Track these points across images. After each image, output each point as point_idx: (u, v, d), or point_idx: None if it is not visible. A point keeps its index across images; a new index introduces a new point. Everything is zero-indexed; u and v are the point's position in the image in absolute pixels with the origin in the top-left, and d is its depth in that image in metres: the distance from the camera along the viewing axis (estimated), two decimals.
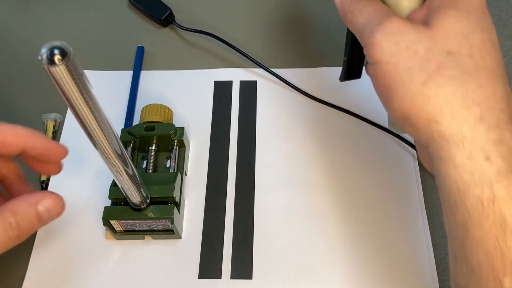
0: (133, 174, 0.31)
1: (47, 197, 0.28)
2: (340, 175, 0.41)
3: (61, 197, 0.29)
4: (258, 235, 0.38)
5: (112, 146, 0.27)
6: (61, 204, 0.29)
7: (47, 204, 0.28)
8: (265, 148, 0.42)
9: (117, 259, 0.37)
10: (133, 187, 0.32)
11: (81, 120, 0.25)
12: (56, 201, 0.28)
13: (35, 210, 0.27)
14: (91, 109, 0.24)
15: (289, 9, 0.52)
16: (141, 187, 0.33)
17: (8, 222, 0.26)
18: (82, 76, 0.23)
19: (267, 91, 0.46)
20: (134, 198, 0.34)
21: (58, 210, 0.29)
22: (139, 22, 0.51)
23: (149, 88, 0.46)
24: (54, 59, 0.21)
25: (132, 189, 0.32)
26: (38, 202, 0.28)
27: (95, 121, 0.25)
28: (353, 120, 0.43)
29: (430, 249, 0.37)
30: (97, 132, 0.26)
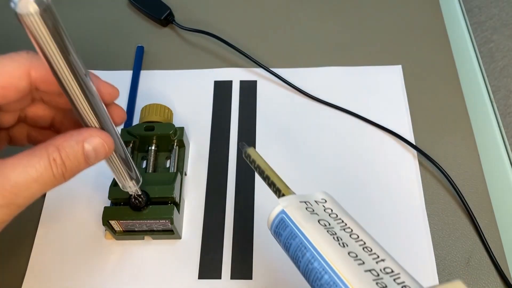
0: (114, 132, 0.27)
1: (95, 135, 0.25)
2: (340, 175, 0.41)
3: (110, 136, 0.26)
4: (258, 235, 0.38)
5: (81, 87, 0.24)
6: (110, 144, 0.26)
7: (95, 143, 0.25)
8: (265, 147, 0.42)
9: (117, 259, 0.37)
10: (116, 158, 0.28)
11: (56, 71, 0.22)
12: (105, 141, 0.26)
13: (82, 147, 0.25)
14: (64, 53, 0.22)
15: (289, 9, 0.52)
16: (127, 158, 0.29)
17: (52, 157, 0.24)
18: (60, 28, 0.21)
19: (267, 91, 0.46)
20: (119, 174, 0.30)
21: (106, 151, 0.26)
22: (139, 22, 0.51)
23: (149, 88, 0.46)
24: (28, 6, 0.19)
25: (116, 162, 0.29)
26: (85, 139, 0.25)
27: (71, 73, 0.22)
28: (353, 120, 0.43)
29: (430, 249, 0.37)
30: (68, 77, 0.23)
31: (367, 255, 0.23)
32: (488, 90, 0.46)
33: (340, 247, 0.23)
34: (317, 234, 0.23)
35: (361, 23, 0.50)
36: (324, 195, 0.27)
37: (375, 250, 0.23)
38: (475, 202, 0.39)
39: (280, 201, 0.26)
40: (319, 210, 0.25)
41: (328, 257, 0.22)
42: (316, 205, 0.26)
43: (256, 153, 0.29)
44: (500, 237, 0.37)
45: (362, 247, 0.23)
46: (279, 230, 0.25)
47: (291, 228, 0.24)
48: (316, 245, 0.23)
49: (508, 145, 0.43)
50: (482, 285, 0.35)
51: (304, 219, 0.24)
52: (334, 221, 0.25)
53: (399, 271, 0.22)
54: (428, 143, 0.42)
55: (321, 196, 0.27)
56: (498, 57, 1.10)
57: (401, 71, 0.46)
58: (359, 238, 0.24)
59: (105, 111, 0.26)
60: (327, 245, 0.23)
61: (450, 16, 0.51)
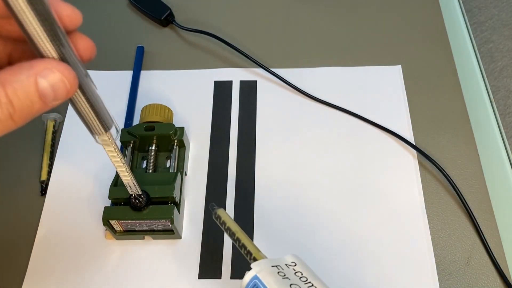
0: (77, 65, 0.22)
1: (51, 68, 0.20)
2: (340, 175, 0.41)
3: (72, 70, 0.20)
4: (258, 235, 0.38)
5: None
6: (72, 79, 0.20)
7: (52, 78, 0.20)
8: (265, 148, 0.42)
9: (117, 259, 0.37)
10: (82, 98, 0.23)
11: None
12: (66, 75, 0.20)
13: (34, 83, 0.19)
14: None
15: (289, 9, 0.52)
16: (98, 103, 0.24)
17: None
18: None
19: (267, 91, 0.46)
20: (90, 123, 0.24)
21: (68, 88, 0.20)
22: (139, 22, 0.52)
23: (149, 88, 0.46)
24: None
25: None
26: (39, 73, 0.19)
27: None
28: (353, 120, 0.43)
29: (430, 249, 0.37)
30: None
31: None
32: (487, 90, 0.46)
33: None
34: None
35: (361, 23, 0.50)
36: (294, 258, 0.28)
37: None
38: (475, 202, 0.39)
39: (253, 266, 0.26)
40: (290, 274, 0.26)
41: None
42: (287, 268, 0.26)
43: (226, 214, 0.29)
44: (500, 237, 0.37)
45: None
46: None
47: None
48: None
49: (508, 145, 0.43)
50: (482, 285, 0.36)
51: (277, 284, 0.25)
52: (305, 284, 0.26)
53: None
54: (428, 143, 0.42)
55: (291, 259, 0.28)
56: (497, 57, 1.11)
57: (400, 71, 0.46)
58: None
59: (66, 39, 0.21)
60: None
61: (450, 16, 0.51)
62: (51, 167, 0.42)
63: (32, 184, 0.41)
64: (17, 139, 0.44)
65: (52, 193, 0.40)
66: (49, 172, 0.41)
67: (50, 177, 0.41)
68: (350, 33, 0.49)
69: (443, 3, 0.52)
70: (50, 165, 0.42)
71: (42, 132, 0.44)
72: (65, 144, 0.43)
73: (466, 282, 0.36)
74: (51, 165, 0.42)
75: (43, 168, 0.41)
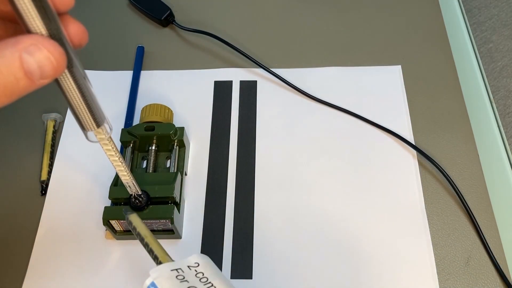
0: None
1: (38, 44, 0.19)
2: (340, 175, 0.41)
3: (60, 47, 0.19)
4: (258, 235, 0.38)
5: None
6: (60, 57, 0.19)
7: (38, 55, 0.19)
8: (265, 148, 0.42)
9: (117, 259, 0.37)
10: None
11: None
12: (53, 53, 0.19)
13: (19, 59, 0.18)
14: None
15: (289, 9, 0.52)
16: (89, 93, 0.23)
17: None
18: None
19: (267, 91, 0.46)
20: (79, 112, 0.23)
21: (55, 66, 0.19)
22: (139, 22, 0.52)
23: (149, 88, 0.46)
24: None
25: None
26: (24, 48, 0.18)
27: None
28: (353, 120, 0.43)
29: (430, 249, 0.37)
30: None
31: None
32: (487, 90, 0.46)
33: None
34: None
35: (361, 23, 0.50)
36: (198, 258, 0.28)
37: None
38: (475, 202, 0.39)
39: (150, 273, 0.26)
40: (190, 276, 0.27)
41: None
42: (188, 270, 0.27)
43: (137, 219, 0.30)
44: (500, 237, 0.37)
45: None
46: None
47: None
48: None
49: (508, 145, 0.43)
50: (482, 285, 0.36)
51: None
52: (204, 285, 0.26)
53: None
54: (427, 143, 0.42)
55: (194, 260, 0.28)
56: (497, 57, 1.11)
57: (400, 71, 0.46)
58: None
59: (56, 18, 0.20)
60: None
61: (450, 16, 0.51)
62: (51, 167, 0.42)
63: (32, 184, 0.41)
64: (17, 139, 0.44)
65: (52, 193, 0.40)
66: (49, 172, 0.41)
67: (50, 177, 0.41)
68: (350, 33, 0.49)
69: (443, 3, 0.52)
70: (50, 165, 0.42)
71: (42, 132, 0.44)
72: (65, 144, 0.43)
73: (466, 282, 0.36)
74: (51, 165, 0.42)
75: (43, 168, 0.41)
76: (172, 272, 0.26)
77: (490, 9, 1.12)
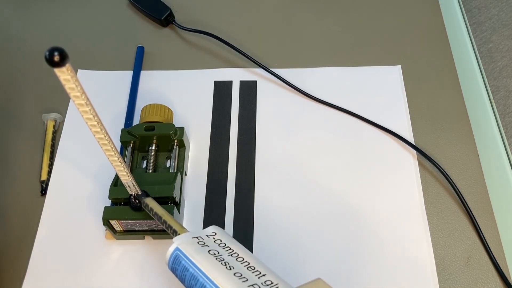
0: None
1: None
2: (340, 175, 0.41)
3: None
4: (258, 235, 0.38)
5: None
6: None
7: None
8: (265, 147, 0.42)
9: (117, 259, 0.37)
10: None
11: None
12: None
13: None
14: None
15: (289, 9, 0.52)
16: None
17: None
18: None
19: (267, 91, 0.46)
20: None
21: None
22: (139, 22, 0.52)
23: (149, 88, 0.46)
24: None
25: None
26: None
27: None
28: (353, 120, 0.44)
29: (430, 249, 0.37)
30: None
31: (250, 273, 0.27)
32: (487, 90, 0.46)
33: (227, 270, 0.27)
34: (206, 263, 0.27)
35: (360, 23, 0.50)
36: (214, 229, 0.31)
37: (257, 268, 0.28)
38: (475, 202, 0.39)
39: (174, 240, 0.29)
40: (210, 242, 0.29)
41: (216, 280, 0.26)
42: (207, 238, 0.30)
43: (153, 201, 0.33)
44: (500, 237, 0.37)
45: (246, 267, 0.28)
46: (175, 265, 0.28)
47: (185, 261, 0.28)
48: (206, 272, 0.27)
49: (508, 145, 0.43)
50: (482, 285, 0.36)
51: (195, 251, 0.28)
52: (223, 249, 0.29)
53: (277, 282, 0.26)
54: (427, 143, 0.42)
55: (211, 230, 0.31)
56: (497, 57, 1.11)
57: (400, 71, 0.46)
58: (244, 260, 0.28)
59: None
60: (215, 270, 0.27)
61: (450, 16, 0.51)
62: (51, 167, 0.42)
63: (32, 184, 0.41)
64: (17, 139, 0.44)
65: (52, 193, 0.40)
66: (49, 172, 0.41)
67: (50, 177, 0.41)
68: (350, 33, 0.49)
69: (443, 3, 0.52)
70: (50, 165, 0.42)
71: (42, 132, 0.44)
72: (65, 144, 0.43)
73: (466, 282, 0.36)
74: (51, 165, 0.42)
75: (43, 168, 0.41)
76: (193, 239, 0.29)
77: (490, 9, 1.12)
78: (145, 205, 0.33)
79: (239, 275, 0.26)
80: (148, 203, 0.33)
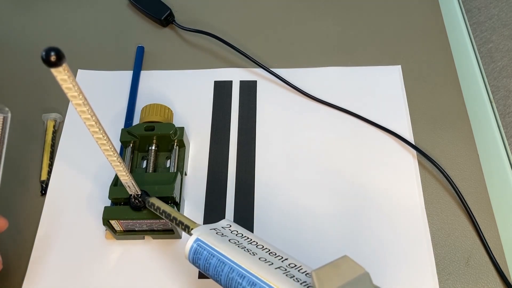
0: None
1: None
2: (340, 175, 0.41)
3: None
4: (258, 235, 0.38)
5: None
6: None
7: None
8: (265, 147, 0.42)
9: (117, 259, 0.37)
10: None
11: None
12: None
13: None
14: None
15: (289, 9, 0.52)
16: None
17: None
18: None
19: (267, 91, 0.46)
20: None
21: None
22: (139, 22, 0.52)
23: (149, 88, 0.46)
24: None
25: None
26: None
27: None
28: (353, 120, 0.43)
29: (430, 249, 0.37)
30: None
31: (273, 258, 0.28)
32: (487, 90, 0.46)
33: (251, 255, 0.27)
34: (230, 250, 0.28)
35: (360, 23, 0.50)
36: (228, 221, 0.32)
37: (278, 253, 0.28)
38: (475, 202, 0.39)
39: (193, 232, 0.29)
40: (227, 233, 0.30)
41: (243, 264, 0.27)
42: (223, 229, 0.30)
43: (158, 200, 0.33)
44: (500, 237, 0.37)
45: (268, 253, 0.28)
46: (197, 256, 0.29)
47: (207, 251, 0.28)
48: (231, 258, 0.27)
49: (508, 145, 0.43)
50: (482, 284, 0.36)
51: (217, 240, 0.29)
52: (241, 238, 0.30)
53: (300, 264, 0.27)
54: (427, 143, 0.42)
55: (225, 222, 0.31)
56: (497, 57, 1.11)
57: (400, 71, 0.46)
58: (264, 247, 0.29)
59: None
60: (240, 256, 0.27)
61: (450, 16, 0.51)
62: (51, 167, 0.42)
63: (32, 184, 0.41)
64: (17, 139, 0.44)
65: (52, 193, 0.40)
66: (49, 172, 0.41)
67: (50, 177, 0.41)
68: (350, 33, 0.49)
69: (443, 3, 0.52)
70: (50, 165, 0.42)
71: (42, 132, 0.44)
72: (65, 144, 0.43)
73: (466, 282, 0.36)
74: (51, 165, 0.42)
75: (43, 168, 0.41)
76: (211, 231, 0.30)
77: (490, 9, 1.12)
78: (151, 204, 0.33)
79: (264, 260, 0.27)
80: (154, 202, 0.33)
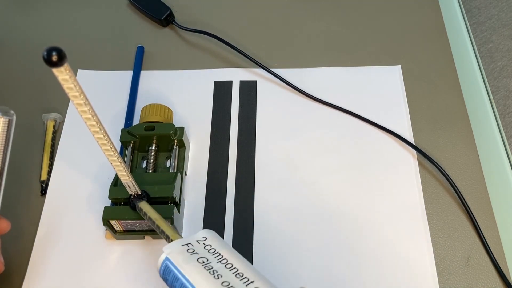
0: None
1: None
2: (340, 175, 0.41)
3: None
4: (258, 235, 0.38)
5: None
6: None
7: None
8: (265, 147, 0.42)
9: (117, 259, 0.37)
10: None
11: None
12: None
13: None
14: None
15: (289, 9, 0.52)
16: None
17: None
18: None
19: (267, 91, 0.46)
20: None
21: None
22: (139, 22, 0.52)
23: (149, 88, 0.46)
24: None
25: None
26: None
27: None
28: (353, 120, 0.43)
29: (430, 249, 0.37)
30: None
31: (238, 281, 0.27)
32: (487, 90, 0.46)
33: (215, 279, 0.27)
34: (195, 273, 0.27)
35: (360, 23, 0.50)
36: (205, 233, 0.31)
37: (246, 274, 0.28)
38: (475, 202, 0.39)
39: (164, 249, 0.29)
40: (199, 249, 0.30)
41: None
42: (197, 244, 0.30)
43: (147, 205, 0.33)
44: (500, 237, 0.37)
45: (234, 274, 0.28)
46: (165, 275, 0.29)
47: (174, 272, 0.28)
48: (194, 283, 0.27)
49: (508, 145, 0.43)
50: (482, 285, 0.36)
51: (184, 261, 0.28)
52: (212, 255, 0.29)
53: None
54: (427, 143, 0.42)
55: (202, 234, 0.31)
56: (497, 57, 1.11)
57: (400, 71, 0.46)
58: (232, 266, 0.28)
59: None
60: (203, 280, 0.27)
61: (450, 16, 0.51)
62: (51, 167, 0.42)
63: (32, 184, 0.41)
64: (17, 139, 0.44)
65: (52, 193, 0.40)
66: (49, 172, 0.41)
67: (50, 177, 0.41)
68: (350, 33, 0.49)
69: (443, 3, 0.52)
70: (50, 165, 0.42)
71: (42, 132, 0.44)
72: (65, 144, 0.43)
73: (466, 282, 0.36)
74: (51, 165, 0.42)
75: (43, 168, 0.41)
76: (183, 247, 0.29)
77: (490, 9, 1.12)
78: (139, 209, 0.33)
79: (227, 284, 0.27)
80: (142, 207, 0.33)
